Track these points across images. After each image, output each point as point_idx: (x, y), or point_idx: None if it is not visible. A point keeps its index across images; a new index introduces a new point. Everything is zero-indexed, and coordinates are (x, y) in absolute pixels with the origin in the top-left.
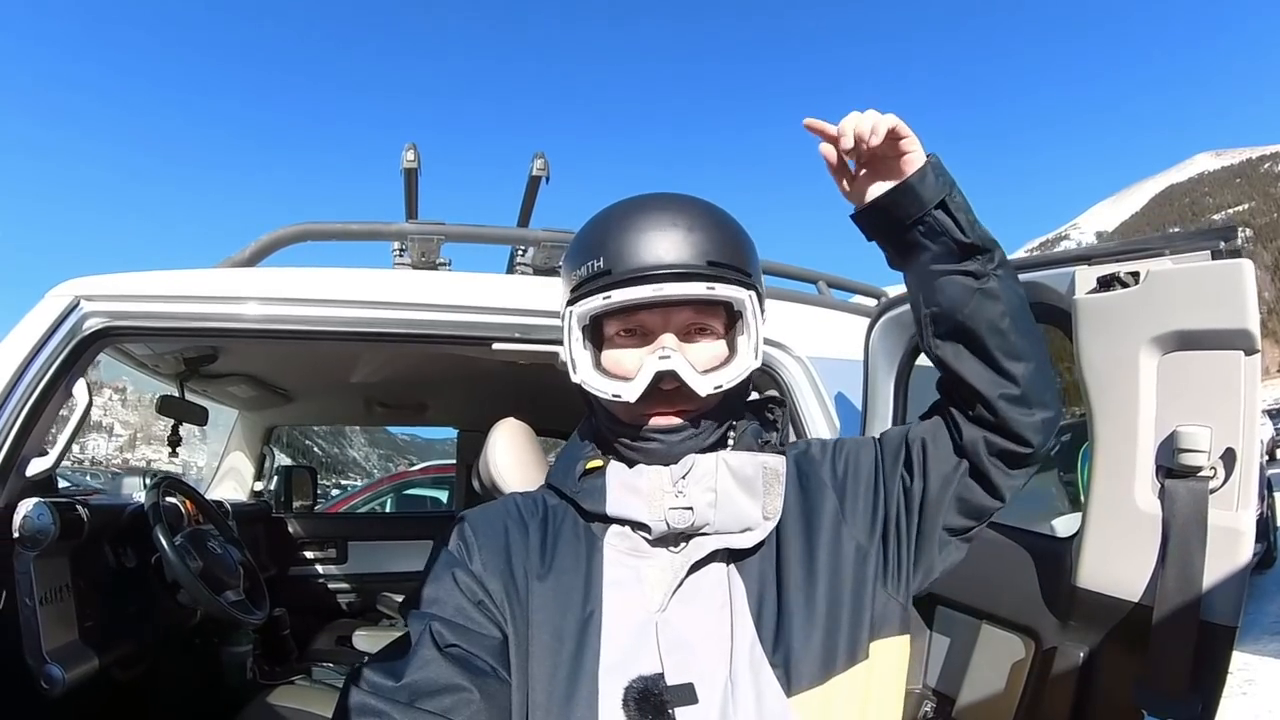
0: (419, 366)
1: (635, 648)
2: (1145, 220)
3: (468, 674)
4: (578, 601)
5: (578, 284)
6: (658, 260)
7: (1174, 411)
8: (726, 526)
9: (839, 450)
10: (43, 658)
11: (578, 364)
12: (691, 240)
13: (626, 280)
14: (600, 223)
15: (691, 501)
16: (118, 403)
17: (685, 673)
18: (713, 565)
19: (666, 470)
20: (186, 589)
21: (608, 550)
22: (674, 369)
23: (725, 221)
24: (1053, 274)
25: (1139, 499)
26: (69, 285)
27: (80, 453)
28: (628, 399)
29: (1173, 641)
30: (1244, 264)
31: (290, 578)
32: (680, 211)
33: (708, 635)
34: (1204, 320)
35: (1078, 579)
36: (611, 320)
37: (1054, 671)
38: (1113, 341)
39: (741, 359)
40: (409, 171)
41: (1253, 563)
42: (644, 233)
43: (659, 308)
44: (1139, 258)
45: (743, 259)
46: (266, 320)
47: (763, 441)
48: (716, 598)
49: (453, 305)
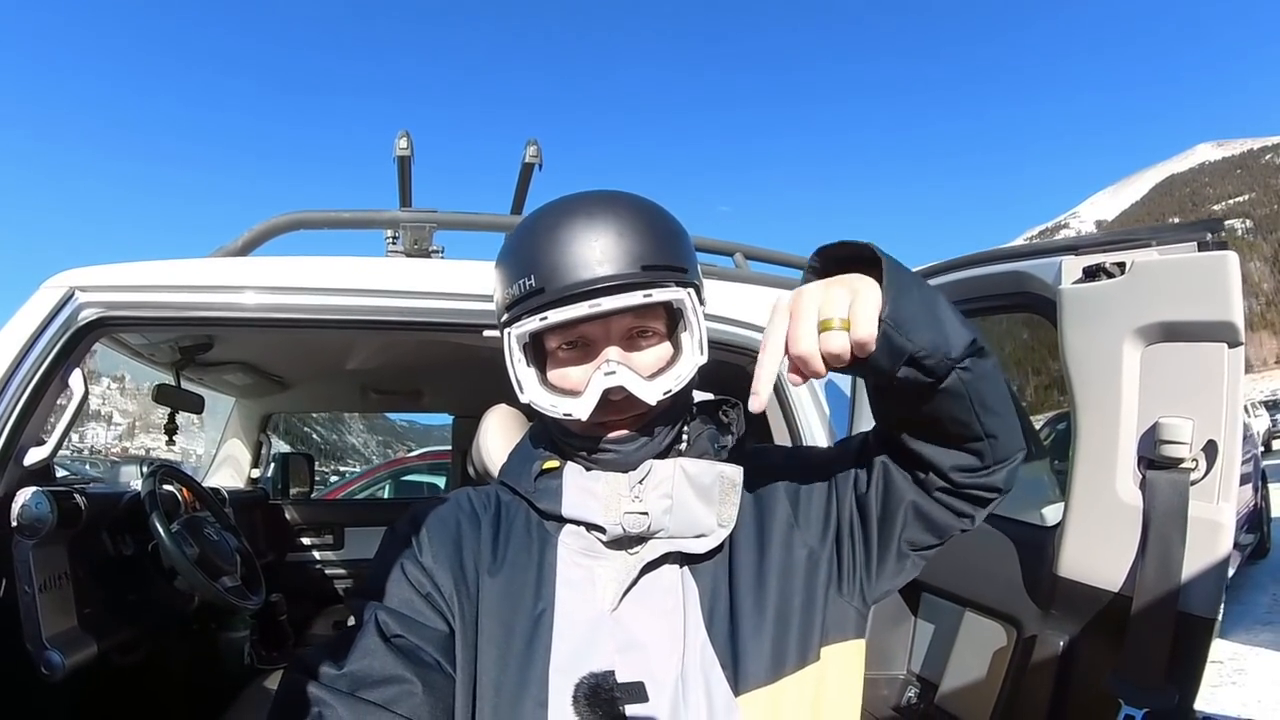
0: (414, 353)
1: (587, 646)
2: (1145, 210)
3: (411, 666)
4: (529, 598)
5: (511, 303)
6: (591, 274)
7: (1156, 403)
8: (681, 532)
9: (796, 456)
10: (42, 644)
11: (524, 384)
12: (623, 247)
13: (561, 300)
14: (528, 235)
15: (648, 507)
16: (116, 391)
17: (636, 671)
18: (666, 568)
19: (624, 475)
20: (183, 575)
21: (561, 549)
22: (621, 384)
23: (655, 219)
24: (1040, 263)
25: (1120, 490)
26: (64, 276)
27: (79, 441)
28: (579, 417)
29: (1150, 632)
30: (1229, 256)
31: (288, 564)
32: (608, 216)
33: (660, 635)
34: (1188, 312)
35: (1059, 568)
36: (552, 336)
37: (1034, 659)
38: (1096, 332)
39: (687, 358)
40: (402, 159)
41: (1245, 554)
42: (573, 244)
43: (599, 319)
44: (1126, 248)
45: (677, 255)
46: (259, 309)
47: (719, 446)
48: (669, 600)
49: (442, 293)
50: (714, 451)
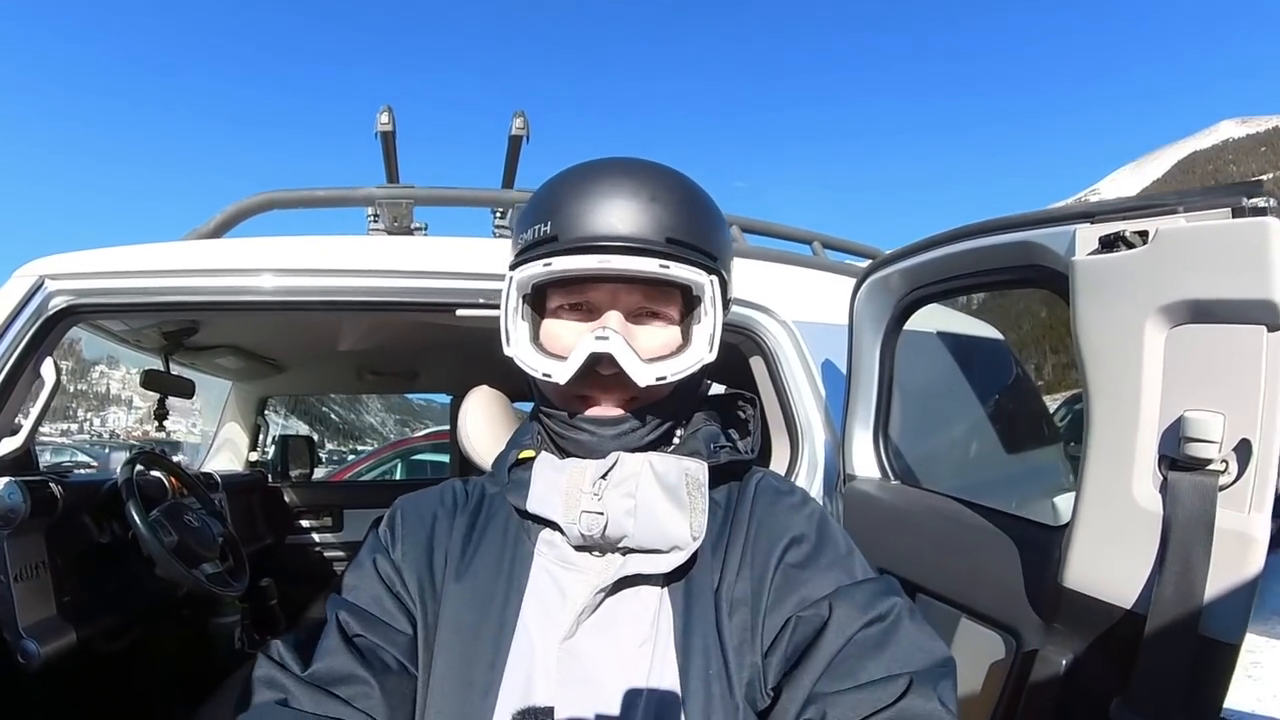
0: (408, 334)
1: (538, 675)
2: (1167, 187)
3: (369, 667)
4: (496, 609)
5: (522, 249)
6: (610, 230)
7: (1182, 393)
8: (647, 541)
9: (811, 549)
10: (19, 633)
11: (511, 335)
12: (651, 212)
13: (571, 249)
14: (553, 185)
15: (605, 506)
16: (136, 376)
17: (579, 709)
18: (644, 589)
19: (590, 466)
20: (159, 563)
21: (537, 556)
22: (611, 352)
23: (693, 195)
24: (1052, 232)
25: (1137, 492)
26: (33, 265)
27: (100, 425)
28: (557, 379)
29: (1166, 657)
30: (1270, 223)
31: (287, 546)
32: (642, 180)
33: (619, 672)
34: (1221, 288)
35: (1065, 578)
36: (556, 292)
37: (1034, 677)
38: (1114, 310)
39: (694, 350)
40: (385, 135)
41: None
42: (598, 199)
43: (607, 284)
44: (1148, 215)
45: (708, 239)
46: (231, 291)
47: (716, 447)
48: (639, 629)
49: (415, 271)
50: (707, 453)
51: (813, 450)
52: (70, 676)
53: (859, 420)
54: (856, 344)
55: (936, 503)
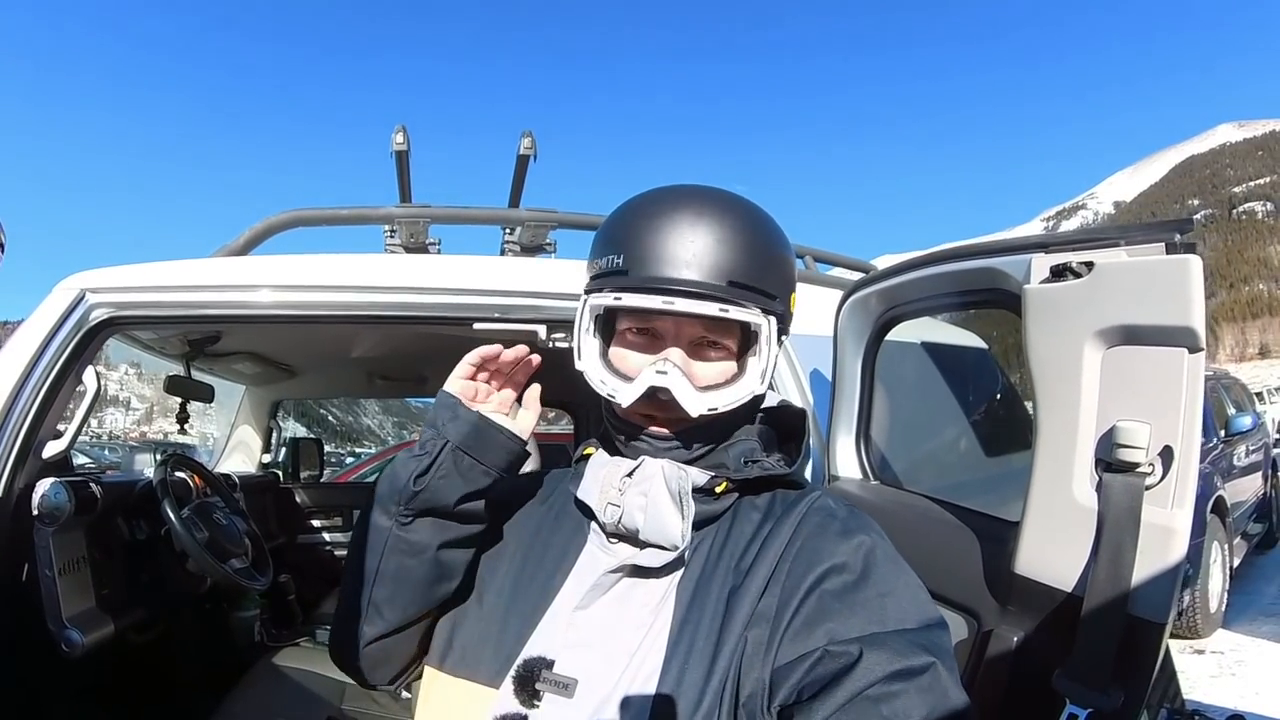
0: (418, 341)
1: (555, 634)
2: (1164, 191)
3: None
4: (547, 570)
5: (596, 274)
6: (675, 273)
7: (1115, 406)
8: (654, 538)
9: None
10: (62, 624)
11: (583, 353)
12: (716, 254)
13: (640, 286)
14: (629, 214)
15: (624, 502)
16: (134, 377)
17: (576, 669)
18: (654, 580)
19: (623, 465)
20: (194, 558)
21: (592, 535)
22: (668, 386)
23: (759, 236)
24: (1012, 260)
25: (1076, 491)
26: (75, 279)
27: (99, 426)
28: (621, 402)
29: (1099, 633)
30: (1192, 260)
31: (298, 545)
32: (711, 219)
33: (617, 645)
34: (1150, 315)
35: (1016, 565)
36: (624, 318)
37: (990, 653)
38: (1058, 332)
39: (746, 382)
40: (399, 154)
41: (1253, 543)
42: (668, 238)
43: (671, 317)
44: (1093, 247)
45: (769, 280)
46: (262, 306)
47: (748, 461)
48: (641, 615)
49: (435, 288)
50: (735, 467)
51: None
52: (106, 666)
53: (842, 425)
54: (840, 356)
55: (911, 500)
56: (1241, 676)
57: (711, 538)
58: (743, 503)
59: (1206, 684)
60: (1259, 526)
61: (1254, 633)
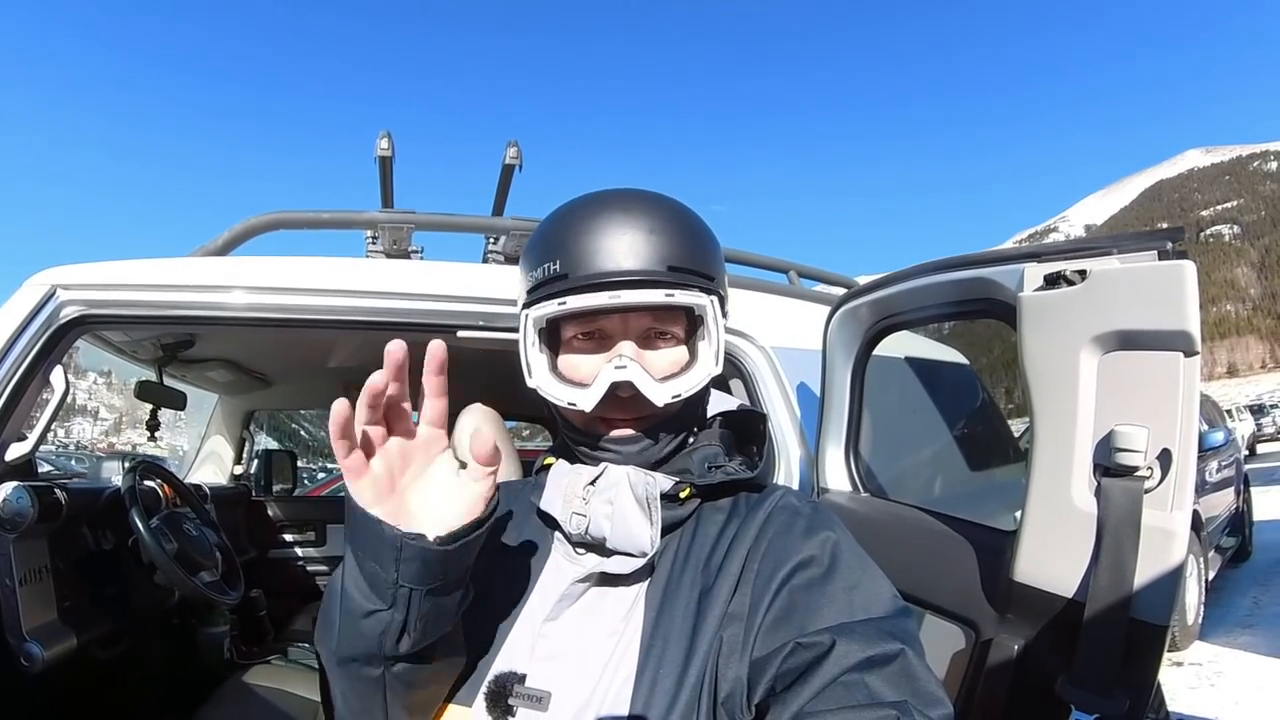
0: None
1: (523, 647)
2: (1134, 214)
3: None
4: (517, 586)
5: (533, 286)
6: (615, 266)
7: (1113, 411)
8: (622, 545)
9: (816, 571)
10: (22, 636)
11: (533, 368)
12: (651, 244)
13: (583, 286)
14: (558, 222)
15: (590, 510)
16: (103, 387)
17: (549, 683)
18: (623, 587)
19: (584, 473)
20: (162, 570)
21: (556, 546)
22: (630, 379)
23: (688, 223)
24: (1005, 270)
25: (1075, 496)
26: (46, 275)
27: (65, 436)
28: (583, 408)
29: (1102, 638)
30: (1186, 265)
31: (270, 560)
32: (641, 212)
33: (589, 655)
34: (1145, 320)
35: (1015, 573)
36: (569, 324)
37: (991, 662)
38: (1054, 339)
39: (702, 366)
40: (383, 159)
41: (1226, 557)
42: (602, 236)
43: (617, 313)
44: (1086, 256)
45: (705, 262)
46: (240, 308)
47: (711, 467)
48: (612, 622)
49: (418, 294)
50: (699, 472)
51: (788, 465)
52: (67, 682)
53: (831, 438)
54: (829, 368)
55: (903, 512)
56: (1220, 687)
57: (677, 541)
58: (705, 507)
59: (1186, 695)
60: (1232, 540)
61: (1231, 644)
